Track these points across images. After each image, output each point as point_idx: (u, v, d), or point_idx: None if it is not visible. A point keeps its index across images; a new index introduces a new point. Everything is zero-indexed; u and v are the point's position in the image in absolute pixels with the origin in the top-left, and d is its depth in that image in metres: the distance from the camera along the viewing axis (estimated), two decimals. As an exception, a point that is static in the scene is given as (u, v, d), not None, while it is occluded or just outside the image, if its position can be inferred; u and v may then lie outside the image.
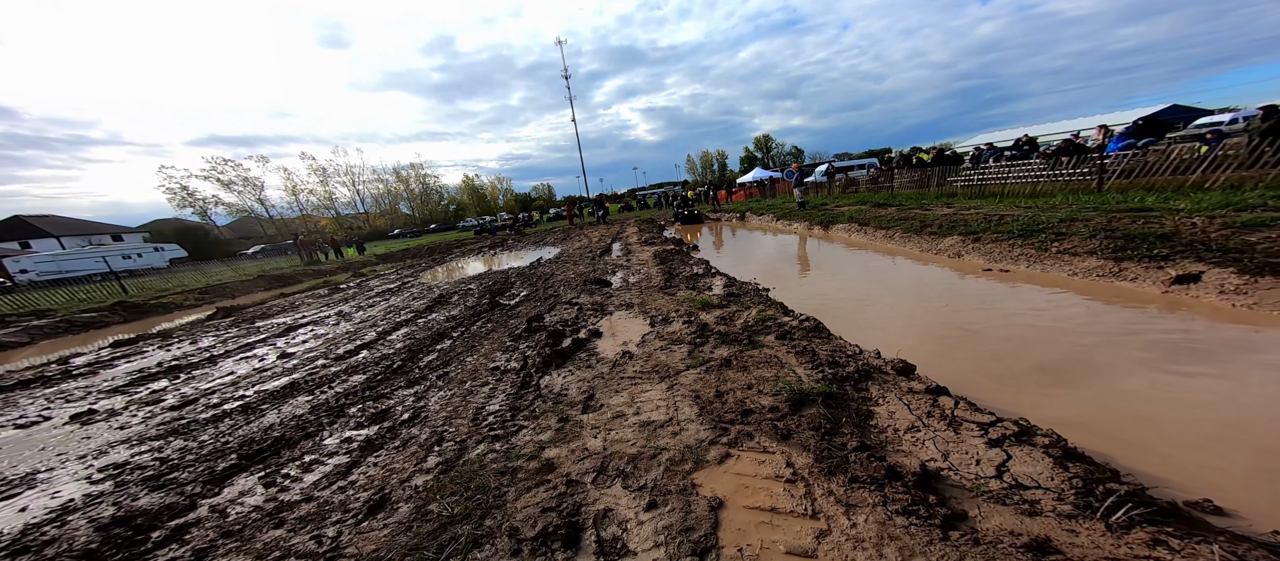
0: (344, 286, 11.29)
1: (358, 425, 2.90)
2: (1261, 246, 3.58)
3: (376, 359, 4.37)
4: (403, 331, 5.43)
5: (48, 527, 2.10)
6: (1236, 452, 1.86)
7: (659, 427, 2.38)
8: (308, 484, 2.28)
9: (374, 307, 7.53)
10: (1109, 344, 2.97)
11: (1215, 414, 2.13)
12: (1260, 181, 5.92)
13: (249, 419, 3.21)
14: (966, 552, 1.39)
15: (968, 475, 1.75)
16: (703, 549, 1.58)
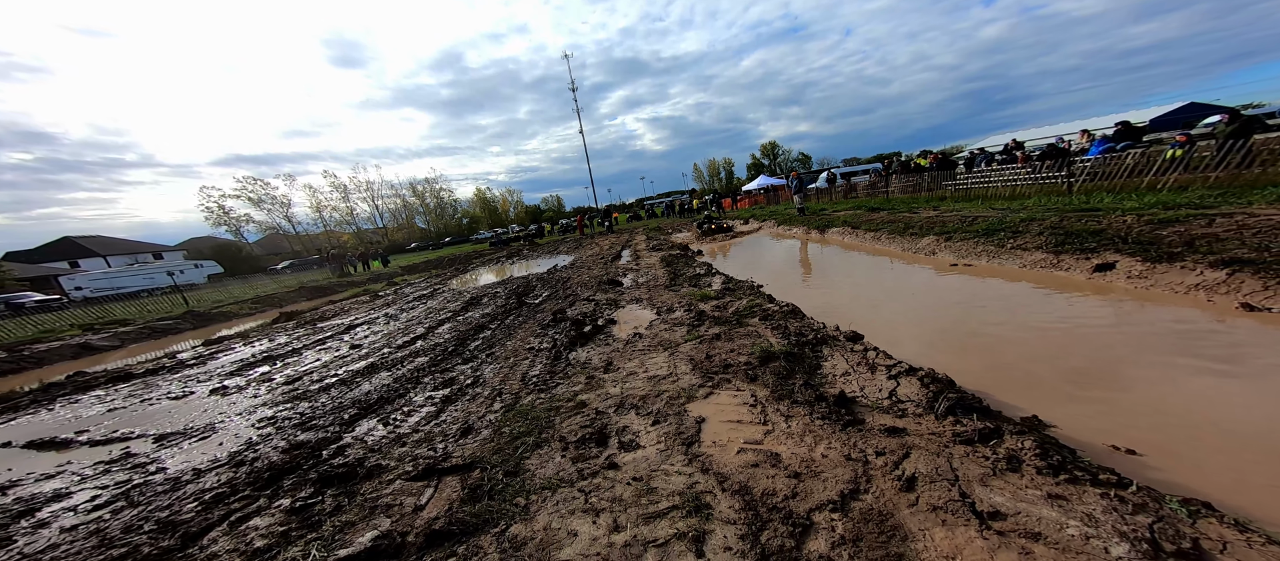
0: (382, 294, 12.47)
1: (434, 388, 3.82)
2: (1167, 239, 4.28)
3: (432, 346, 5.33)
4: (447, 326, 6.41)
5: (246, 452, 3.06)
6: (1047, 378, 2.63)
7: (662, 379, 3.24)
8: (412, 423, 3.20)
9: (415, 310, 8.58)
10: (1014, 317, 3.74)
11: (1051, 357, 2.89)
12: (1202, 183, 6.52)
13: (349, 388, 4.18)
14: (853, 436, 2.20)
15: (870, 397, 2.56)
16: (689, 441, 2.42)
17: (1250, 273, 3.19)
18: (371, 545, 1.83)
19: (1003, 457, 1.74)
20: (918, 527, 1.54)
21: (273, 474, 2.60)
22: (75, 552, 2.08)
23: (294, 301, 14.49)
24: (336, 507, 2.18)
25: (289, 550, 1.90)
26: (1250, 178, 6.12)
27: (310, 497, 2.28)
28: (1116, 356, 2.83)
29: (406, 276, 18.19)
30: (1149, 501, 1.41)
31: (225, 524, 2.15)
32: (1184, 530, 1.27)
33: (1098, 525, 1.33)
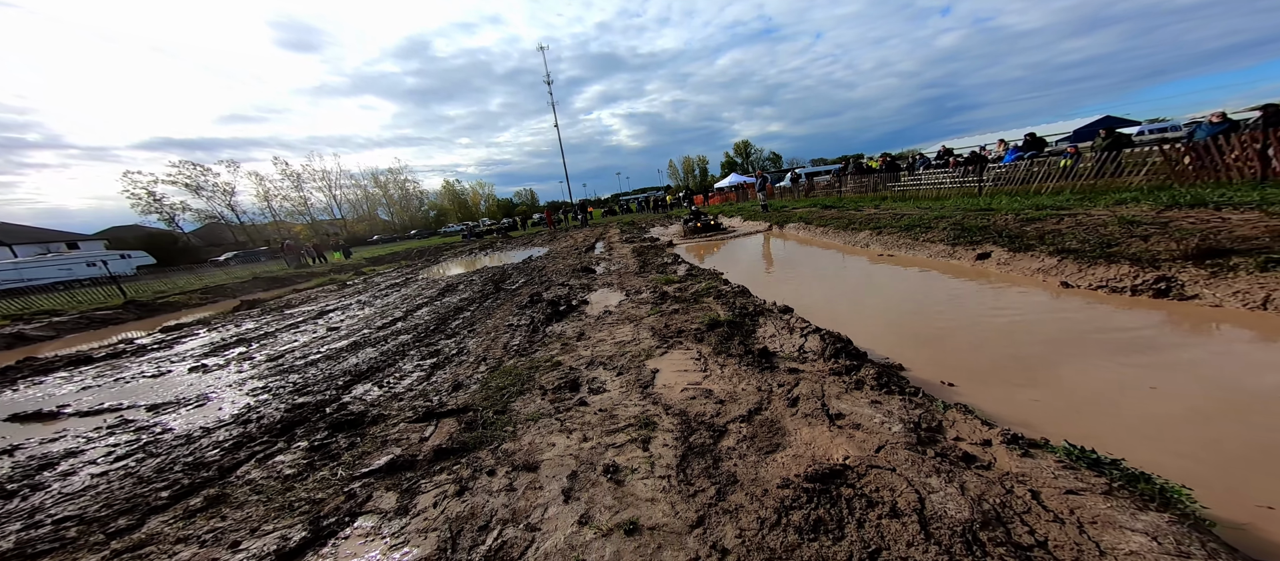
0: (351, 283, 12.25)
1: (422, 358, 4.22)
2: (1028, 234, 5.35)
3: (413, 327, 5.65)
4: (425, 310, 6.68)
5: (249, 413, 3.37)
6: (919, 335, 3.48)
7: (627, 344, 3.84)
8: (406, 384, 3.61)
9: (389, 297, 8.68)
10: (911, 294, 4.65)
11: (926, 321, 3.77)
12: (1071, 189, 7.92)
13: (337, 362, 4.47)
14: (766, 375, 2.89)
15: (785, 350, 3.28)
16: (645, 384, 3.04)
17: (1072, 259, 4.20)
18: (389, 462, 2.31)
19: (853, 383, 2.48)
20: (793, 427, 2.22)
21: (284, 426, 2.97)
22: (118, 489, 2.39)
23: (249, 292, 13.84)
24: (351, 444, 2.61)
25: (318, 473, 2.34)
26: (1118, 184, 7.52)
27: (326, 439, 2.70)
28: (971, 319, 3.73)
29: (373, 268, 17.70)
30: (926, 404, 2.17)
31: (252, 461, 2.53)
32: (937, 417, 2.02)
33: (892, 416, 2.06)
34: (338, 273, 17.12)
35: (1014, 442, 1.69)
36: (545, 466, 2.14)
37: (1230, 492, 1.55)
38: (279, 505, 2.05)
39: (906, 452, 1.79)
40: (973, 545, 1.30)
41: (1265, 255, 3.08)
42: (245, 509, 2.04)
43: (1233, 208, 4.33)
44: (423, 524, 1.81)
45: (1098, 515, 1.27)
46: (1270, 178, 5.44)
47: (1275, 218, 3.81)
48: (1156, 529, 1.18)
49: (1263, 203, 4.25)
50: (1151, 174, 6.89)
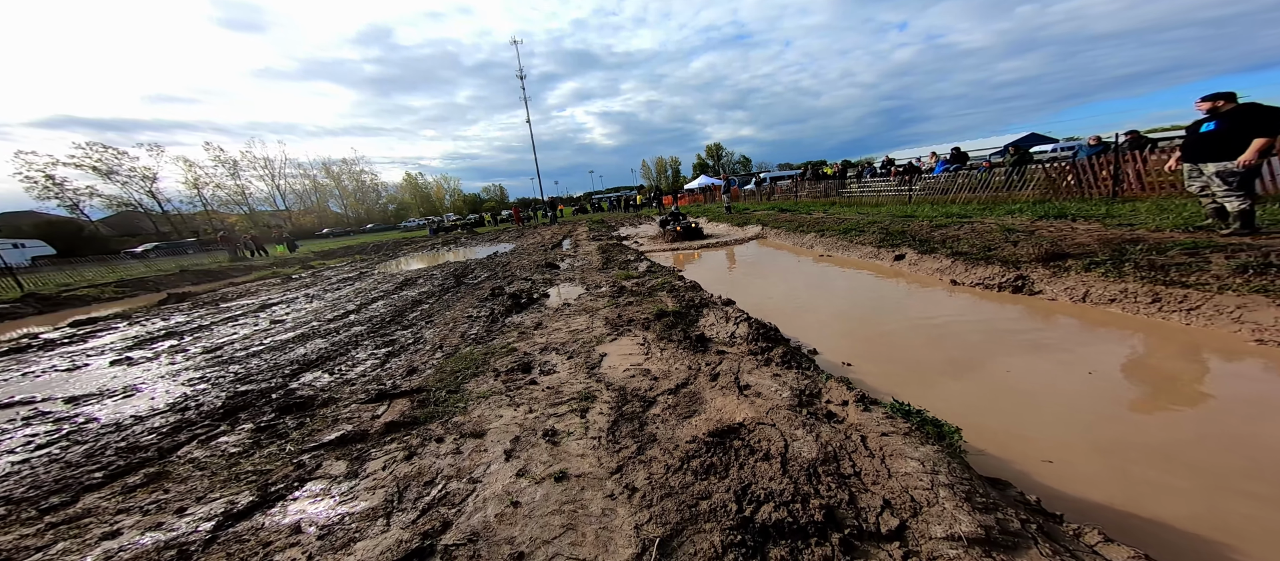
0: (297, 277, 11.55)
1: (376, 348, 4.26)
2: (935, 238, 6.18)
3: (367, 319, 5.58)
4: (381, 303, 6.57)
5: (186, 402, 3.30)
6: (836, 324, 4.03)
7: (580, 332, 4.10)
8: (359, 371, 3.67)
9: (342, 291, 8.37)
10: (838, 290, 5.26)
11: (845, 312, 4.34)
12: (980, 200, 9.10)
13: (283, 353, 4.39)
14: (697, 356, 3.27)
15: (719, 336, 3.69)
16: (592, 366, 3.32)
17: (962, 261, 4.96)
18: (339, 437, 2.44)
19: (764, 361, 2.90)
20: (709, 396, 2.60)
21: (227, 411, 2.97)
22: (44, 473, 2.34)
23: (176, 285, 12.65)
24: (300, 425, 2.69)
25: (265, 450, 2.42)
26: (1015, 197, 8.72)
27: (273, 420, 2.76)
28: (878, 312, 4.34)
29: (323, 262, 16.68)
30: (813, 376, 2.62)
31: (194, 443, 2.55)
32: (819, 386, 2.47)
33: (785, 386, 2.49)
34: (281, 266, 15.96)
35: (861, 402, 2.14)
36: (491, 433, 2.37)
37: (1021, 441, 2.09)
38: (225, 477, 2.14)
39: (787, 412, 2.19)
40: (812, 476, 1.70)
41: (1090, 259, 3.86)
42: (189, 482, 2.11)
43: (1084, 220, 5.28)
44: (371, 483, 1.99)
45: (895, 449, 1.71)
46: (1121, 195, 6.62)
47: (1110, 229, 4.72)
48: (926, 456, 1.63)
49: (1105, 216, 5.22)
50: (1037, 188, 8.09)
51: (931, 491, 1.52)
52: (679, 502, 1.70)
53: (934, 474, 1.58)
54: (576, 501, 1.78)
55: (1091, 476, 1.79)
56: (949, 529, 1.36)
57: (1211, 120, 4.01)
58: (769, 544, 1.45)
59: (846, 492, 1.61)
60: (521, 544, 1.57)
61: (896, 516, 1.48)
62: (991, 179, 9.63)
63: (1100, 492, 1.70)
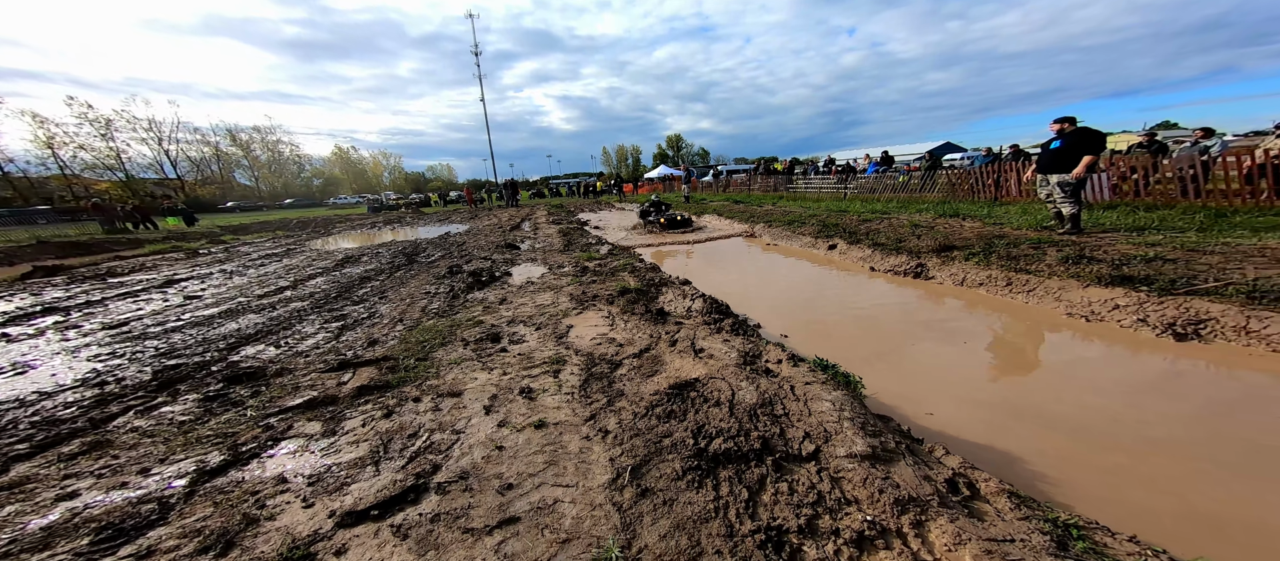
0: (208, 252, 10.10)
1: (327, 322, 4.07)
2: (861, 231, 7.12)
3: (308, 295, 5.21)
4: (321, 280, 6.11)
5: (99, 378, 2.97)
6: (781, 303, 4.63)
7: (546, 306, 4.27)
8: (310, 344, 3.52)
9: (268, 267, 7.56)
10: (781, 274, 5.92)
11: (787, 292, 4.97)
12: (900, 199, 10.48)
13: (211, 328, 4.02)
14: (658, 327, 3.63)
15: (677, 311, 4.09)
16: (560, 335, 3.53)
17: (880, 251, 5.82)
18: (307, 401, 2.44)
19: (716, 330, 3.33)
20: (669, 359, 2.96)
21: (160, 384, 2.76)
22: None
23: (36, 258, 10.43)
24: (256, 393, 2.62)
25: (221, 417, 2.35)
26: (926, 197, 10.15)
27: (221, 391, 2.64)
28: (812, 293, 5.01)
29: (236, 237, 14.63)
30: (756, 342, 3.10)
31: (130, 414, 2.39)
32: (760, 349, 2.94)
33: (733, 349, 2.92)
34: (181, 240, 13.70)
35: (792, 360, 2.62)
36: (468, 393, 2.52)
37: (910, 393, 2.70)
38: (183, 441, 2.08)
39: (734, 369, 2.61)
40: (753, 416, 2.11)
41: (969, 250, 4.80)
42: (140, 448, 2.03)
43: (971, 219, 6.41)
44: (353, 438, 2.08)
45: (815, 394, 2.18)
46: (1000, 199, 8.06)
47: (986, 226, 5.81)
48: (836, 399, 2.12)
49: (986, 216, 6.39)
50: (941, 191, 9.53)
51: (838, 424, 1.99)
52: (645, 440, 2.02)
53: (841, 411, 2.06)
54: (556, 443, 2.04)
55: (956, 418, 2.41)
56: (848, 449, 1.82)
57: (1058, 139, 5.11)
58: (719, 467, 1.83)
59: (778, 427, 2.04)
60: (510, 477, 1.80)
61: (813, 442, 1.92)
62: (909, 182, 11.10)
63: (959, 429, 2.31)
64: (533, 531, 1.48)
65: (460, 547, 1.38)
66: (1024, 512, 1.38)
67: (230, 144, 46.56)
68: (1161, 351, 2.74)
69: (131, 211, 19.49)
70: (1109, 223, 5.40)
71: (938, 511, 1.42)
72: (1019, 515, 1.38)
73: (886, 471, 1.64)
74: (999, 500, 1.46)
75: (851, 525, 1.44)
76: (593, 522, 1.53)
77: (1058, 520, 1.34)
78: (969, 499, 1.50)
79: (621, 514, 1.56)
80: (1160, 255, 3.73)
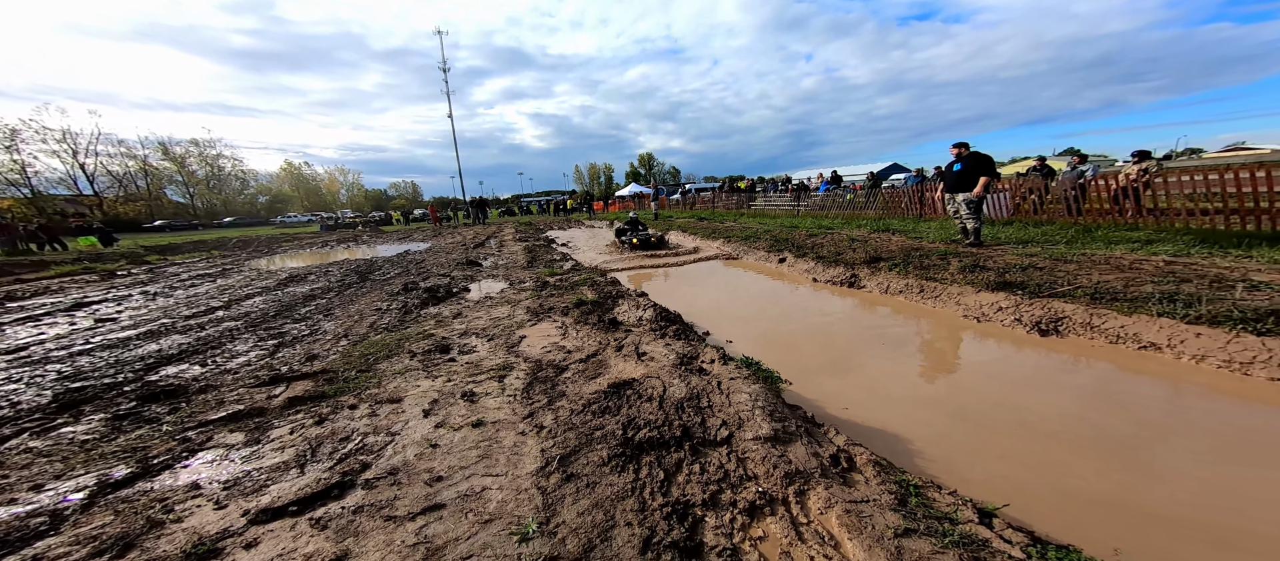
0: (127, 273, 9.18)
1: (262, 340, 3.88)
2: (808, 245, 7.72)
3: (243, 314, 4.93)
4: (259, 300, 5.78)
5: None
6: (730, 311, 4.93)
7: (502, 319, 4.31)
8: (240, 362, 3.36)
9: (199, 287, 7.03)
10: (735, 285, 6.29)
11: (737, 301, 5.30)
12: (845, 216, 11.42)
13: (125, 350, 3.72)
14: (609, 334, 3.78)
15: (629, 320, 4.27)
16: (512, 345, 3.59)
17: (821, 263, 6.34)
18: (231, 414, 2.36)
19: (660, 336, 3.54)
20: (613, 363, 3.11)
21: (61, 406, 2.55)
22: None
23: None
24: (174, 410, 2.48)
25: (132, 434, 2.22)
26: (865, 214, 11.12)
27: (134, 409, 2.48)
28: (761, 302, 5.37)
29: (163, 258, 13.39)
30: (696, 345, 3.33)
31: (24, 435, 2.20)
32: (698, 351, 3.17)
33: (673, 351, 3.13)
34: (96, 261, 12.33)
35: (724, 360, 2.86)
36: (409, 399, 2.53)
37: (831, 388, 2.99)
38: (85, 458, 1.95)
39: (671, 369, 2.81)
40: (679, 408, 2.29)
41: (892, 261, 5.37)
42: (33, 468, 1.89)
43: (898, 234, 7.14)
44: (279, 445, 2.05)
45: (737, 388, 2.41)
46: (924, 216, 9.02)
47: (909, 240, 6.50)
48: (754, 392, 2.35)
49: (911, 231, 7.14)
50: (878, 209, 10.51)
51: (751, 412, 2.20)
52: (578, 433, 2.14)
53: (755, 402, 2.28)
54: (492, 438, 2.11)
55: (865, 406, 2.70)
56: (755, 433, 2.03)
57: (959, 162, 5.90)
58: (642, 453, 1.97)
59: (700, 417, 2.23)
60: (440, 471, 1.86)
61: (727, 429, 2.12)
62: (856, 200, 12.15)
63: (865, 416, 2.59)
64: (456, 515, 1.55)
65: (381, 533, 1.43)
66: (883, 478, 1.63)
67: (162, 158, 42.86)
68: (1029, 345, 3.22)
69: (35, 231, 17.38)
70: (1004, 237, 6.23)
71: (818, 481, 1.64)
72: (879, 480, 1.62)
73: (784, 450, 1.85)
74: (867, 469, 1.70)
75: (747, 497, 1.63)
76: (516, 504, 1.62)
77: (904, 481, 1.59)
78: (846, 470, 1.73)
79: (545, 496, 1.66)
80: (1033, 264, 4.38)
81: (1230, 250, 4.32)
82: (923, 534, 1.29)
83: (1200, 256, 4.12)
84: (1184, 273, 3.59)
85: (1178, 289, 3.15)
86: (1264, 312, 2.58)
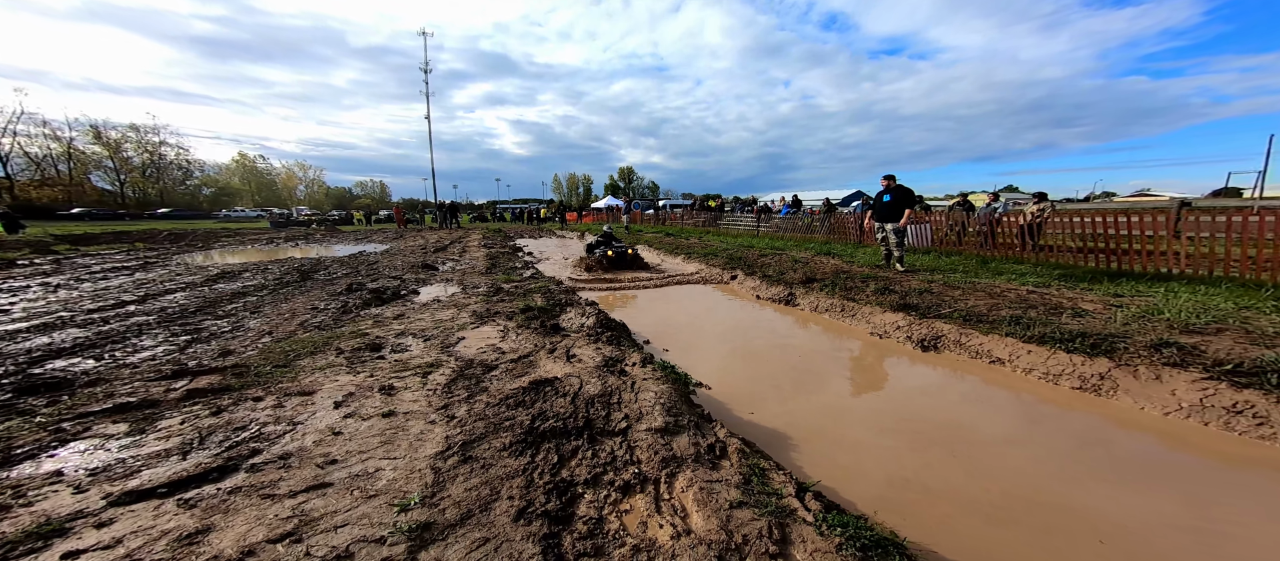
0: (27, 263, 8.23)
1: (173, 336, 3.66)
2: (759, 264, 8.17)
3: (157, 310, 4.60)
4: (180, 296, 5.41)
5: None
6: (676, 323, 5.15)
7: (445, 322, 4.29)
8: (142, 357, 3.16)
9: (111, 280, 6.46)
10: (687, 300, 6.57)
11: (681, 314, 5.54)
12: (798, 238, 12.17)
13: (9, 343, 3.40)
14: (549, 339, 3.87)
15: (572, 326, 4.38)
16: (448, 346, 3.59)
17: (766, 282, 6.75)
18: (118, 405, 2.25)
19: (594, 341, 3.68)
20: (542, 363, 3.19)
21: (-89, 397, 2.32)
22: None
23: None
24: (54, 402, 2.33)
25: (6, 422, 2.07)
26: (815, 237, 11.88)
27: (9, 400, 2.31)
28: (705, 316, 5.63)
29: (76, 248, 12.10)
30: (624, 350, 3.50)
31: None
32: (625, 355, 3.33)
33: (601, 354, 3.28)
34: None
35: (645, 363, 3.04)
36: (323, 392, 2.51)
37: (748, 394, 3.23)
38: (-69, 448, 1.81)
39: (593, 370, 2.94)
40: (590, 404, 2.42)
41: (824, 282, 5.83)
42: None
43: (836, 257, 7.73)
44: (164, 434, 1.98)
45: (648, 388, 2.58)
46: (863, 242, 9.79)
47: (843, 263, 7.06)
48: (660, 391, 2.52)
49: (848, 255, 7.75)
50: (825, 233, 11.29)
51: (653, 408, 2.36)
52: (487, 423, 2.22)
53: (659, 399, 2.45)
54: (400, 427, 2.15)
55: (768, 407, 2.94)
56: (650, 425, 2.19)
57: (888, 193, 6.55)
58: (544, 441, 2.08)
59: (606, 411, 2.36)
60: (336, 455, 1.88)
61: (627, 421, 2.27)
62: (811, 224, 12.99)
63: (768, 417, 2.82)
64: (341, 492, 1.59)
65: (253, 510, 1.45)
66: (742, 463, 1.83)
67: (93, 141, 38.90)
68: (910, 358, 3.64)
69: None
70: (922, 265, 6.92)
71: (690, 466, 1.81)
72: (739, 465, 1.82)
73: (670, 441, 2.02)
74: (735, 457, 1.90)
75: (625, 477, 1.77)
76: (407, 482, 1.68)
77: (755, 465, 1.80)
78: (718, 457, 1.92)
79: (437, 475, 1.73)
80: (929, 290, 4.92)
81: (1081, 284, 5.04)
82: (751, 505, 1.48)
83: (1056, 288, 4.78)
84: (1035, 301, 4.18)
85: (1025, 314, 3.67)
86: (1075, 334, 3.07)
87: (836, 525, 1.39)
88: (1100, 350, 2.86)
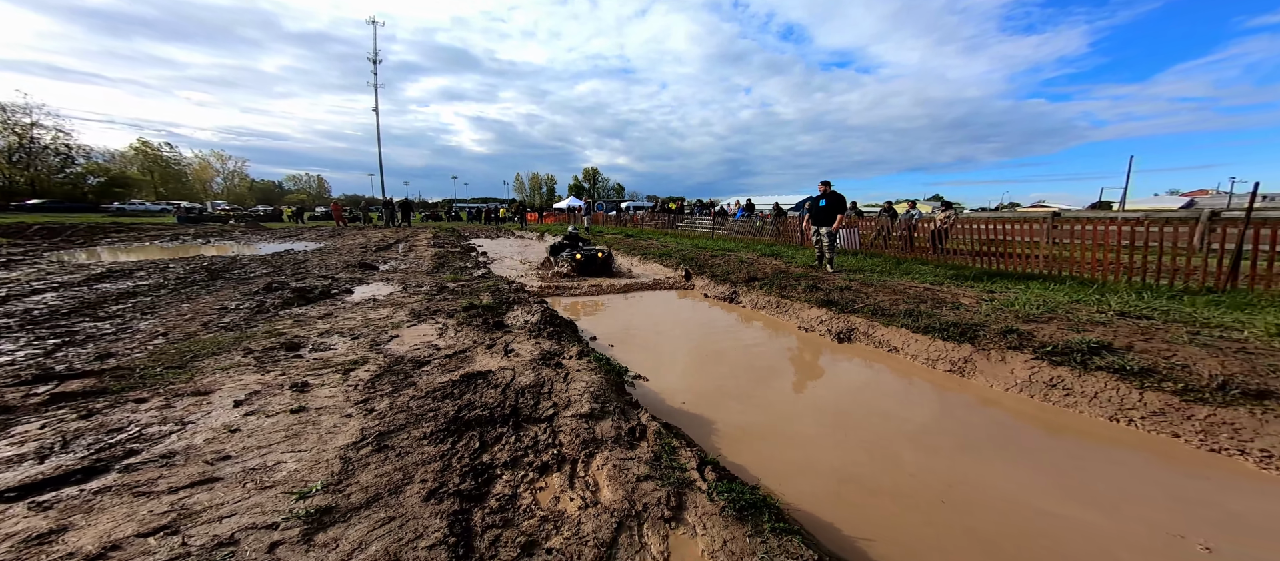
0: None
1: (39, 339, 3.18)
2: (711, 265, 8.55)
3: (20, 312, 3.96)
4: (52, 295, 4.68)
5: None
6: (628, 321, 5.28)
7: (379, 322, 4.08)
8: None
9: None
10: (640, 303, 6.72)
11: (635, 314, 5.70)
12: (749, 241, 12.86)
13: None
14: (490, 335, 3.83)
15: (517, 323, 4.35)
16: (379, 344, 3.44)
17: (715, 281, 7.09)
18: (-45, 416, 1.95)
19: (535, 336, 3.71)
20: (478, 357, 3.17)
21: None
22: None
23: None
24: None
25: None
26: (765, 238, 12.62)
27: None
28: (655, 315, 5.82)
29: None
30: (565, 344, 3.58)
31: None
32: (563, 349, 3.40)
33: (540, 348, 3.32)
34: None
35: (582, 355, 3.13)
36: (222, 392, 2.33)
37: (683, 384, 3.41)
38: None
39: (528, 362, 2.98)
40: (521, 394, 2.46)
41: (764, 280, 6.26)
42: None
43: (778, 258, 8.30)
44: (19, 440, 1.76)
45: (579, 378, 2.66)
46: (804, 244, 10.58)
47: (783, 263, 7.60)
48: (592, 381, 2.62)
49: (789, 256, 8.34)
50: (772, 235, 12.04)
51: (582, 397, 2.45)
52: (409, 415, 2.19)
53: (589, 388, 2.54)
54: (310, 422, 2.06)
55: (699, 393, 3.14)
56: (576, 412, 2.28)
57: (823, 198, 7.15)
58: (467, 429, 2.09)
59: (535, 400, 2.41)
60: (230, 451, 1.77)
61: (554, 409, 2.33)
62: (763, 226, 13.77)
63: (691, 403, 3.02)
64: (232, 486, 1.52)
65: (122, 507, 1.35)
66: (657, 443, 1.98)
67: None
68: (827, 349, 4.05)
69: None
70: (849, 265, 7.65)
71: (609, 447, 1.92)
72: (654, 444, 1.96)
73: (593, 425, 2.12)
74: (652, 438, 2.04)
75: (545, 459, 1.84)
76: (310, 473, 1.63)
77: (667, 444, 1.96)
78: (637, 439, 2.05)
79: (346, 464, 1.70)
80: (849, 287, 5.49)
81: (966, 282, 5.85)
82: (657, 479, 1.62)
83: (946, 287, 5.51)
84: (927, 296, 4.80)
85: (917, 308, 4.22)
86: (950, 325, 3.60)
87: (725, 492, 1.56)
88: (966, 338, 3.37)
